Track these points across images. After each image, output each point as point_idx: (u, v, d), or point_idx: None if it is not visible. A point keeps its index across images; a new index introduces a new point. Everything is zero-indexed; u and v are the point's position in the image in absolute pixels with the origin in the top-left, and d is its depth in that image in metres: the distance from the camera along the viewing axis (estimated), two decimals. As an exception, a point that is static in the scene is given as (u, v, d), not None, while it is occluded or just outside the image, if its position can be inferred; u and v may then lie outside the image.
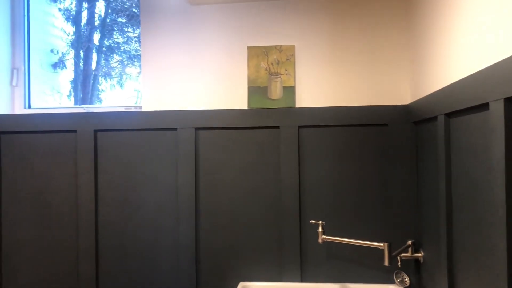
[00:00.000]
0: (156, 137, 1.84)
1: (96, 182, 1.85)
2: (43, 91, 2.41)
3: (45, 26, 2.40)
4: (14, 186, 1.91)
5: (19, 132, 1.90)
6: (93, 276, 1.84)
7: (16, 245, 1.91)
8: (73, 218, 1.87)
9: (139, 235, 1.85)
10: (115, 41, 2.60)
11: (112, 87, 2.60)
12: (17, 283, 1.91)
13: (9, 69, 2.11)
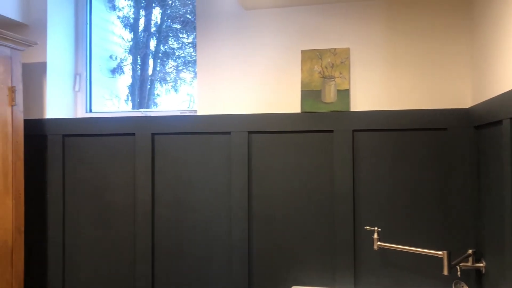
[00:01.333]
0: (210, 141, 1.88)
1: (153, 184, 1.91)
2: (102, 95, 2.52)
3: (105, 33, 2.51)
4: (77, 187, 2.00)
5: (81, 135, 2.00)
6: (149, 274, 1.90)
7: (78, 243, 2.00)
8: (131, 218, 1.94)
9: (193, 236, 1.88)
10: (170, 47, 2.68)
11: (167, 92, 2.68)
12: (79, 279, 2.00)
13: (73, 75, 2.22)
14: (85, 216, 1.99)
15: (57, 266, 2.00)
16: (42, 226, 2.02)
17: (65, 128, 1.99)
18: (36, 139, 2.01)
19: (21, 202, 1.79)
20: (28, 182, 2.02)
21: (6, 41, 1.71)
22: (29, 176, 2.02)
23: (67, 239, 2.00)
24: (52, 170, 2.00)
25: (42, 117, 2.03)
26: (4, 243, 1.69)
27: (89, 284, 1.98)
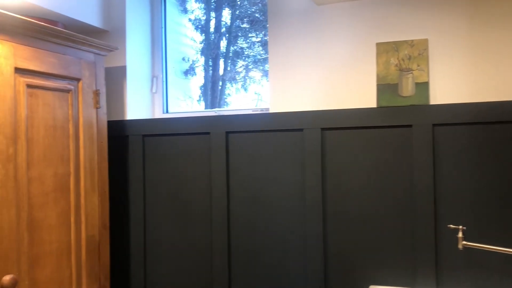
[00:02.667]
0: (283, 138, 1.87)
1: (227, 181, 1.94)
2: (176, 97, 2.60)
3: (178, 36, 2.59)
4: (156, 184, 2.08)
5: (159, 134, 2.07)
6: (226, 271, 1.93)
7: (158, 238, 2.08)
8: (207, 215, 1.99)
9: (268, 233, 1.89)
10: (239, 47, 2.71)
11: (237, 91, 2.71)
12: (159, 272, 2.08)
13: (150, 78, 2.32)
14: (164, 212, 2.07)
15: (139, 260, 2.09)
16: (125, 222, 2.12)
17: (145, 129, 2.08)
18: (119, 139, 2.11)
19: (106, 199, 1.89)
20: (112, 181, 2.13)
21: (91, 47, 1.81)
22: (112, 174, 2.13)
23: (147, 235, 2.09)
24: (133, 169, 2.10)
25: (123, 119, 2.14)
26: (92, 238, 1.80)
27: (169, 277, 2.06)
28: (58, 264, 1.65)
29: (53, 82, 1.66)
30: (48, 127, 1.63)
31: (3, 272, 1.44)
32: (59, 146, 1.68)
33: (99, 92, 1.86)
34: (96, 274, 1.82)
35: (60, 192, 1.67)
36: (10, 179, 1.48)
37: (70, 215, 1.72)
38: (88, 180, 1.79)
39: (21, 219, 1.52)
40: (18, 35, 1.51)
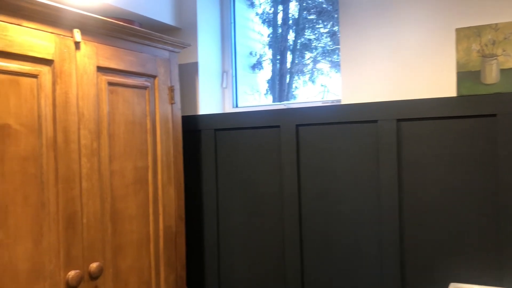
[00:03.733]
0: (356, 130, 1.83)
1: (298, 175, 1.93)
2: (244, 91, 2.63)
3: (245, 31, 2.61)
4: (228, 177, 2.12)
5: (230, 128, 2.10)
6: (298, 262, 1.93)
7: (230, 230, 2.12)
8: (279, 208, 1.99)
9: (340, 227, 1.86)
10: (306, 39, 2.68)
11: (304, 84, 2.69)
12: (232, 263, 2.12)
13: (220, 73, 2.35)
14: (236, 204, 2.10)
15: (213, 250, 2.14)
16: (198, 213, 2.18)
17: (216, 123, 2.12)
18: (192, 134, 2.17)
19: (182, 191, 1.95)
20: (186, 174, 2.20)
21: (166, 44, 1.87)
22: (186, 168, 2.19)
23: (220, 226, 2.13)
24: (206, 162, 2.15)
25: (195, 113, 2.19)
26: (169, 229, 1.87)
27: (242, 267, 2.09)
28: (138, 254, 1.73)
29: (131, 80, 1.73)
30: (127, 123, 1.71)
31: (90, 260, 1.53)
32: (137, 141, 1.75)
33: (174, 88, 1.92)
34: (173, 263, 1.88)
35: (139, 185, 1.75)
36: (95, 172, 1.56)
37: (149, 206, 1.79)
38: (165, 173, 1.86)
39: (105, 210, 1.60)
40: (100, 35, 1.59)
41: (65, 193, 1.45)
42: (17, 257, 1.32)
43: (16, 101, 1.33)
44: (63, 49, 1.46)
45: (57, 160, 1.43)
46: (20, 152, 1.33)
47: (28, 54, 1.35)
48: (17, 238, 1.32)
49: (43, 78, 1.40)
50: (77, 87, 1.50)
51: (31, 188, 1.36)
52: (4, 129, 1.29)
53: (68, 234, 1.46)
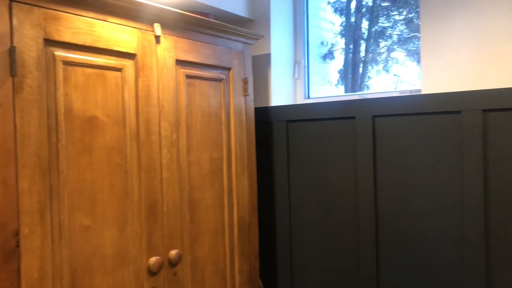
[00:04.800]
0: (437, 122, 1.74)
1: (374, 168, 1.88)
2: (315, 81, 2.59)
3: (316, 20, 2.56)
4: (300, 169, 2.10)
5: (302, 120, 2.08)
6: (373, 257, 1.88)
7: (302, 223, 2.10)
8: (353, 201, 1.95)
9: (418, 224, 1.79)
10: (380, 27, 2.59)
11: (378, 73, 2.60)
12: (304, 255, 2.11)
13: (292, 64, 2.34)
14: (308, 197, 2.08)
15: (285, 242, 2.14)
16: (271, 204, 2.19)
17: (288, 114, 2.11)
18: (264, 125, 2.17)
19: (255, 182, 1.96)
20: (259, 165, 2.20)
21: (240, 36, 1.88)
22: (259, 160, 2.20)
23: (292, 218, 2.13)
24: (278, 154, 2.15)
25: (267, 105, 2.19)
26: (243, 219, 1.89)
27: (314, 259, 2.07)
28: (214, 242, 1.77)
29: (208, 72, 1.76)
30: (204, 115, 1.74)
31: (170, 247, 1.58)
32: (213, 132, 1.78)
33: (247, 80, 1.93)
34: (247, 253, 1.90)
35: (214, 175, 1.78)
36: (174, 162, 1.61)
37: (224, 196, 1.82)
38: (239, 164, 1.88)
39: (183, 199, 1.65)
40: (178, 29, 1.63)
41: (147, 182, 1.51)
42: (104, 243, 1.39)
43: (103, 94, 1.39)
44: (144, 43, 1.51)
45: (140, 150, 1.49)
46: (106, 142, 1.40)
47: (113, 48, 1.41)
48: (104, 224, 1.39)
49: (127, 71, 1.46)
50: (158, 80, 1.55)
51: (116, 177, 1.43)
52: (92, 120, 1.36)
53: (150, 222, 1.52)
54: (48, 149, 1.25)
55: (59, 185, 1.28)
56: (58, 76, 1.28)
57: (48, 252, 1.24)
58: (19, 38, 1.18)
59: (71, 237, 1.30)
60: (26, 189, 1.19)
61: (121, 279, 1.43)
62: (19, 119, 1.18)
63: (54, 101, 1.27)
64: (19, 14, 1.18)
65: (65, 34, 1.29)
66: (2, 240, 1.14)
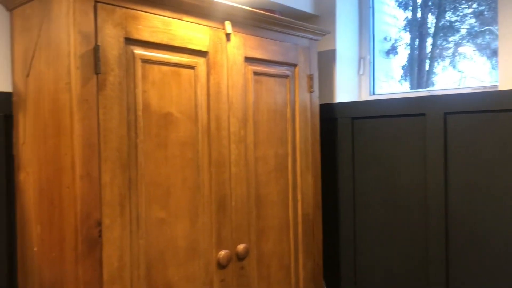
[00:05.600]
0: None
1: (445, 166, 1.81)
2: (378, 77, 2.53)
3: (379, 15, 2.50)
4: (365, 167, 2.06)
5: (368, 117, 2.04)
6: (443, 258, 1.82)
7: (368, 221, 2.07)
8: (421, 200, 1.89)
9: (493, 226, 1.71)
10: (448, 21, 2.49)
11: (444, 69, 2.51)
12: (369, 254, 2.07)
13: (357, 60, 2.30)
14: (374, 196, 2.04)
15: (349, 240, 2.11)
16: (334, 203, 2.17)
17: (353, 111, 2.08)
18: (328, 122, 2.15)
19: (319, 179, 1.95)
20: (322, 163, 2.18)
21: (306, 32, 1.87)
22: (323, 156, 2.18)
23: (357, 216, 2.10)
24: (342, 151, 2.12)
25: (331, 101, 2.17)
26: (307, 217, 1.88)
27: (379, 259, 2.03)
28: (279, 238, 1.78)
29: (274, 69, 1.76)
30: (270, 111, 1.75)
31: (238, 242, 1.61)
32: (278, 129, 1.78)
33: (313, 77, 1.92)
34: (311, 251, 1.90)
35: (280, 172, 1.79)
36: (242, 158, 1.63)
37: (288, 193, 1.82)
38: (303, 161, 1.87)
39: (250, 194, 1.67)
40: (247, 26, 1.64)
41: (217, 177, 1.54)
42: (177, 235, 1.43)
43: (177, 91, 1.43)
44: (216, 41, 1.53)
45: (210, 146, 1.52)
46: (180, 138, 1.44)
47: (187, 46, 1.45)
48: (177, 217, 1.43)
49: (199, 69, 1.49)
50: (227, 77, 1.58)
51: (189, 172, 1.47)
52: (167, 116, 1.41)
53: (219, 216, 1.55)
54: (128, 144, 1.30)
55: (137, 178, 1.33)
56: (137, 74, 1.33)
57: (126, 242, 1.29)
58: (102, 37, 1.24)
59: (148, 229, 1.35)
60: (108, 182, 1.25)
61: (192, 271, 1.47)
62: (102, 115, 1.24)
63: (133, 98, 1.32)
64: (102, 14, 1.24)
65: (143, 33, 1.33)
66: (87, 229, 1.21)
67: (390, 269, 2.00)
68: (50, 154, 1.28)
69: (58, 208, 1.26)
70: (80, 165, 1.19)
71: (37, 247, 1.35)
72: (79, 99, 1.19)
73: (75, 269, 1.20)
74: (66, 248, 1.23)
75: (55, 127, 1.25)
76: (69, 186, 1.21)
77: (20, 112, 1.41)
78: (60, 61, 1.23)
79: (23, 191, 1.41)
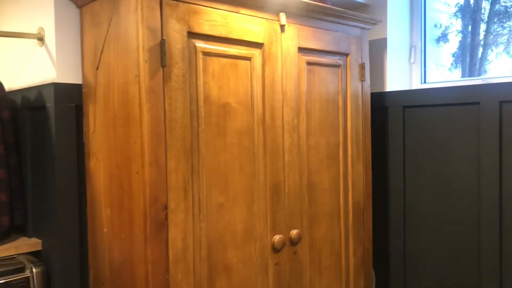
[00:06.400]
0: None
1: (500, 157, 1.79)
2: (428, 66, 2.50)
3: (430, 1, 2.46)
4: (416, 157, 2.06)
5: (420, 106, 2.04)
6: (497, 250, 1.80)
7: (418, 211, 2.07)
8: (475, 191, 1.88)
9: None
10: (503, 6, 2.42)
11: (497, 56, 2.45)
12: (418, 243, 2.07)
13: (408, 48, 2.28)
14: (425, 184, 2.04)
15: (398, 228, 2.12)
16: (383, 192, 2.18)
17: (405, 100, 2.07)
18: (378, 111, 2.16)
19: (369, 168, 1.97)
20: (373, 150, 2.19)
21: (358, 22, 1.88)
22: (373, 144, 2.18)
23: (407, 205, 2.10)
24: (393, 140, 2.12)
25: (382, 90, 2.17)
26: (358, 204, 1.91)
27: (429, 247, 2.03)
28: (330, 225, 1.82)
29: (326, 59, 1.79)
30: (322, 101, 1.78)
31: (291, 227, 1.66)
32: (330, 118, 1.82)
33: (364, 66, 1.93)
34: (361, 238, 1.93)
35: (331, 160, 1.82)
36: (295, 146, 1.68)
37: (339, 181, 1.86)
38: (354, 150, 1.90)
39: (302, 181, 1.71)
40: (300, 17, 1.68)
41: (272, 165, 1.60)
42: (235, 219, 1.50)
43: (234, 82, 1.49)
44: (271, 33, 1.58)
45: (265, 134, 1.58)
46: (237, 127, 1.50)
47: (244, 38, 1.50)
48: (235, 202, 1.50)
49: (255, 60, 1.54)
50: (282, 68, 1.62)
51: (245, 159, 1.53)
52: (226, 107, 1.47)
53: (273, 202, 1.60)
54: (191, 132, 1.37)
55: (199, 165, 1.40)
56: (198, 66, 1.39)
57: (189, 225, 1.38)
58: (167, 31, 1.31)
59: (208, 213, 1.43)
60: (173, 168, 1.33)
61: (249, 253, 1.54)
62: (168, 106, 1.32)
63: (195, 89, 1.39)
64: (167, 9, 1.31)
65: (204, 27, 1.40)
66: (155, 213, 1.29)
67: (441, 261, 2.00)
68: (120, 142, 1.37)
69: (127, 193, 1.35)
70: (149, 153, 1.28)
71: (107, 228, 1.46)
72: (147, 91, 1.27)
73: (144, 249, 1.30)
74: (135, 229, 1.33)
75: (125, 117, 1.34)
76: (138, 172, 1.30)
77: (90, 103, 1.51)
78: (129, 55, 1.31)
79: (93, 176, 1.52)
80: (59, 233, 1.52)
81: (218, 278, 1.46)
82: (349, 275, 1.90)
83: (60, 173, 1.50)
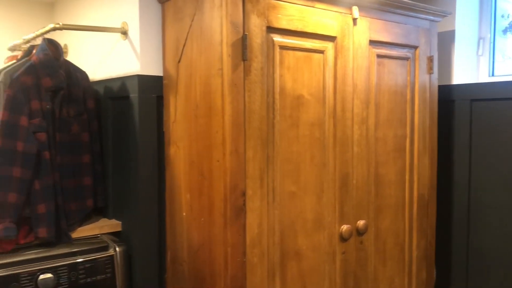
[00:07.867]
0: None
1: None
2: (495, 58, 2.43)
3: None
4: (483, 152, 2.03)
5: (489, 99, 2.00)
6: None
7: (483, 206, 2.04)
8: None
9: None
10: None
11: None
12: (483, 238, 2.05)
13: (476, 40, 2.24)
14: (493, 181, 2.00)
15: (462, 223, 2.11)
16: (447, 185, 2.16)
17: (472, 93, 2.04)
18: (445, 104, 2.14)
19: (435, 161, 1.97)
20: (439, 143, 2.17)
21: (428, 14, 1.87)
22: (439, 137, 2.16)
23: (471, 200, 2.08)
24: (459, 134, 2.10)
25: (449, 83, 2.15)
26: (422, 197, 1.92)
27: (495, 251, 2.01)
28: (395, 217, 1.84)
29: (395, 51, 1.80)
30: (390, 93, 1.80)
31: (358, 217, 1.70)
32: (398, 110, 1.83)
33: (433, 58, 1.92)
34: (425, 230, 1.94)
35: (398, 152, 1.84)
36: (364, 138, 1.70)
37: (405, 173, 1.87)
38: (421, 143, 1.90)
39: (370, 173, 1.74)
40: (372, 10, 1.69)
41: (341, 156, 1.63)
42: (306, 208, 1.56)
43: (308, 75, 1.54)
44: (343, 26, 1.61)
45: (336, 126, 1.62)
46: (309, 118, 1.55)
47: (318, 32, 1.54)
48: (306, 191, 1.55)
49: (327, 53, 1.58)
50: (353, 61, 1.65)
51: (316, 150, 1.58)
52: (299, 98, 1.52)
53: (342, 192, 1.64)
54: (267, 123, 1.43)
55: (274, 155, 1.46)
56: (275, 60, 1.45)
57: (264, 212, 1.44)
58: (248, 26, 1.37)
59: (281, 201, 1.49)
60: (251, 157, 1.40)
61: (318, 241, 1.59)
62: (247, 98, 1.38)
63: (272, 82, 1.45)
64: (249, 5, 1.37)
65: (282, 22, 1.45)
66: (235, 199, 1.37)
67: (505, 254, 1.97)
68: (201, 132, 1.46)
69: (208, 179, 1.43)
70: (230, 142, 1.35)
71: (186, 212, 1.55)
72: (230, 84, 1.34)
73: (224, 232, 1.38)
74: (215, 214, 1.41)
75: (207, 108, 1.42)
76: (219, 160, 1.38)
77: (171, 94, 1.60)
78: (212, 49, 1.38)
79: (173, 163, 1.61)
80: (140, 215, 1.63)
81: (289, 264, 1.52)
82: (411, 266, 1.92)
83: (142, 160, 1.61)
